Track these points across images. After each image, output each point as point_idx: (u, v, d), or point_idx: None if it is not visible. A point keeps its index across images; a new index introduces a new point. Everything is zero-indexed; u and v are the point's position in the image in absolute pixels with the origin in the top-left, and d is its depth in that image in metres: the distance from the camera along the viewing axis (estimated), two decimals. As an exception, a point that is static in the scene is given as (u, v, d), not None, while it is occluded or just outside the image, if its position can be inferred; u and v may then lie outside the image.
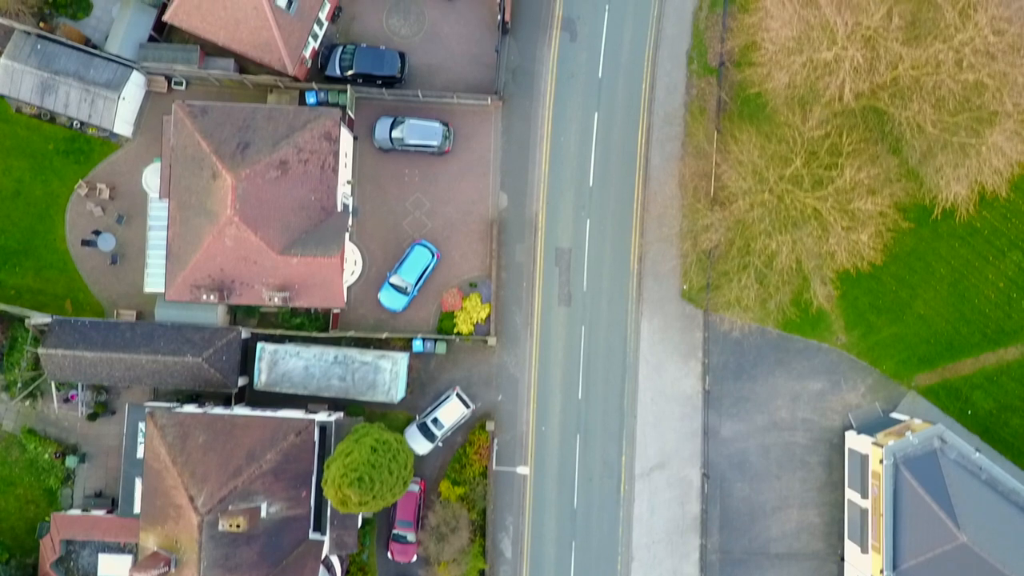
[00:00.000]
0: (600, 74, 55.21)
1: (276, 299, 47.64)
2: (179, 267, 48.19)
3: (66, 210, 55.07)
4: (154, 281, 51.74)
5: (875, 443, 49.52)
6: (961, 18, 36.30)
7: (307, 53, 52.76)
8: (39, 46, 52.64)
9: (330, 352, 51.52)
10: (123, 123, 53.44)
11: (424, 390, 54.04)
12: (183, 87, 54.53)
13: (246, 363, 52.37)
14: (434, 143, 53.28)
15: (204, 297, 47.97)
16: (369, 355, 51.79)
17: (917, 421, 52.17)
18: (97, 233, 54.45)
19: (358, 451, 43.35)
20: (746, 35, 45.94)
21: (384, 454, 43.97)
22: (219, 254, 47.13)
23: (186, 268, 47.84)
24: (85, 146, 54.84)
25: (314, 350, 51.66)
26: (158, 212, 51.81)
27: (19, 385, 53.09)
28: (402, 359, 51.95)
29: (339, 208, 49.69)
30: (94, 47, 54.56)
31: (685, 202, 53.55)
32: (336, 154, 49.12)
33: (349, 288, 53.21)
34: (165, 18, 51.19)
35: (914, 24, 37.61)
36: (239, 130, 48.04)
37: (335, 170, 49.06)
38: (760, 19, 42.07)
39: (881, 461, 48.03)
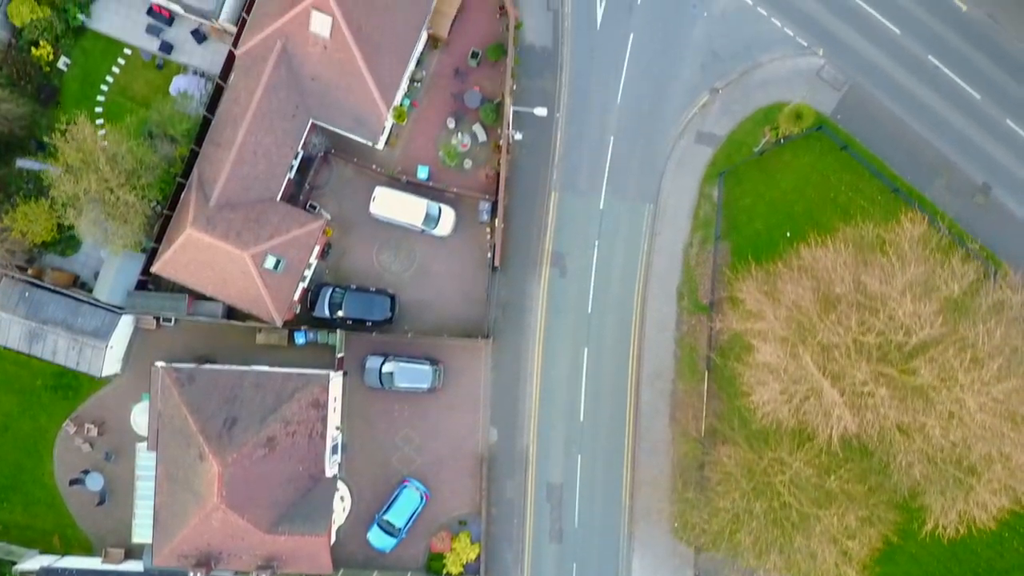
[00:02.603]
0: (590, 309, 55.01)
1: (264, 574, 47.48)
2: (166, 538, 48.03)
3: (54, 446, 54.92)
4: (142, 532, 51.49)
5: None
6: (952, 405, 36.34)
7: (296, 297, 52.54)
8: (27, 293, 52.48)
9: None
10: (111, 365, 53.27)
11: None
12: (172, 323, 54.35)
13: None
14: (424, 386, 53.08)
15: (191, 568, 47.85)
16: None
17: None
18: (86, 472, 54.26)
19: None
20: (735, 320, 45.82)
21: None
22: (206, 532, 46.98)
23: (173, 542, 47.65)
24: (73, 382, 54.65)
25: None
26: (146, 462, 51.51)
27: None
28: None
29: (327, 473, 49.47)
30: (83, 285, 54.54)
31: (676, 439, 53.39)
32: (324, 419, 48.98)
33: (338, 528, 52.98)
34: (153, 270, 51.01)
35: (902, 397, 37.61)
36: (226, 402, 47.85)
37: (323, 436, 48.95)
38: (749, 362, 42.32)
39: None
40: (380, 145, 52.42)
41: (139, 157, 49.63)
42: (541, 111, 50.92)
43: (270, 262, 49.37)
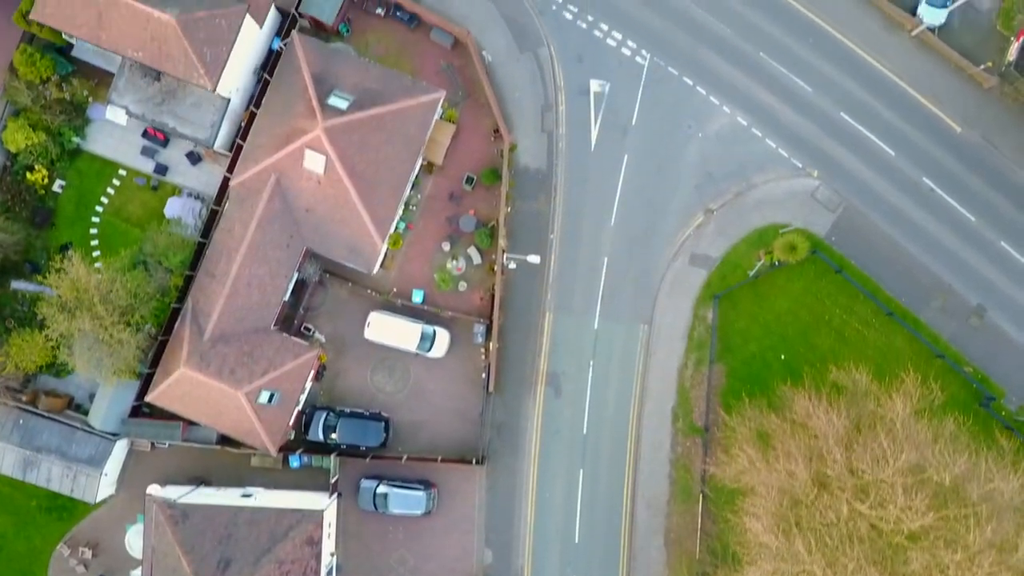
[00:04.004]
0: (585, 430, 54.95)
1: None
2: (160, 675, 47.89)
3: (49, 567, 54.83)
4: (136, 660, 51.46)
5: None
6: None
7: (290, 423, 52.49)
8: (21, 420, 52.48)
9: None
10: (106, 489, 53.24)
11: None
12: (166, 446, 54.29)
13: None
14: (417, 512, 53.04)
15: None
16: None
17: None
18: (79, 595, 54.20)
19: None
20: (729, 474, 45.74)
21: None
22: (200, 672, 46.87)
23: None
24: (68, 503, 54.53)
25: None
26: (140, 590, 51.52)
27: None
28: None
29: (322, 607, 49.45)
30: (78, 407, 54.54)
31: (672, 561, 53.34)
32: (319, 555, 48.90)
33: (333, 651, 52.89)
34: (148, 399, 50.93)
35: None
36: (220, 542, 47.81)
37: (317, 572, 48.80)
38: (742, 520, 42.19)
39: None
40: (374, 272, 52.44)
41: (133, 291, 49.58)
42: (534, 259, 50.97)
43: (264, 397, 49.38)
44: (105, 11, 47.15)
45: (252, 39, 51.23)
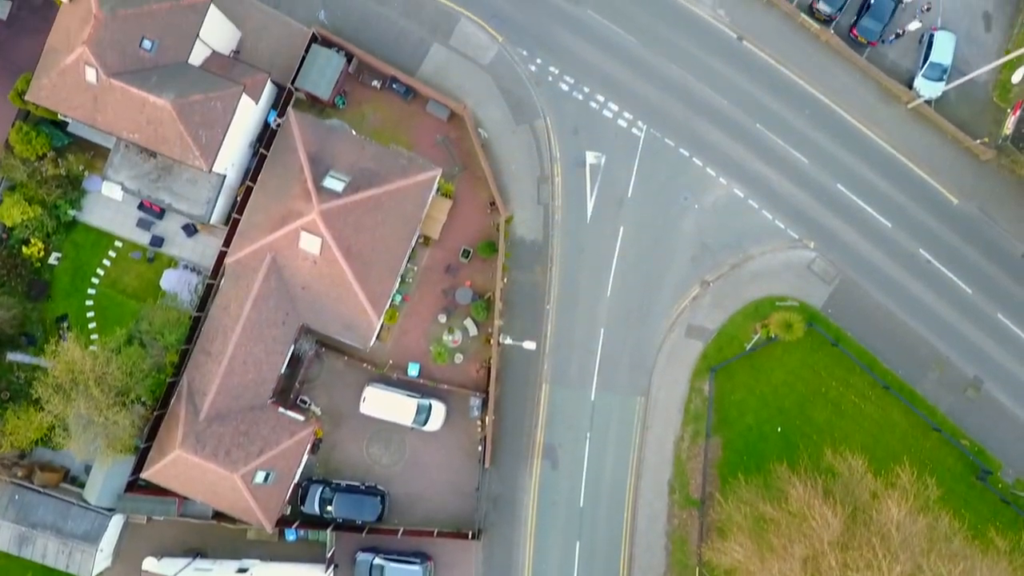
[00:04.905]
0: (582, 502, 54.84)
1: None
2: None
3: (44, 639, 54.73)
4: None
5: None
6: None
7: (286, 498, 52.38)
8: (17, 496, 52.41)
9: None
10: (101, 563, 53.16)
11: None
12: (163, 518, 54.17)
13: None
14: (415, 587, 52.96)
15: None
16: None
17: None
18: (75, 669, 54.03)
19: None
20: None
21: None
22: None
23: None
24: (64, 574, 54.43)
25: None
26: (136, 669, 51.45)
27: None
28: None
29: None
30: (74, 479, 54.48)
31: (667, 635, 53.24)
32: (314, 636, 48.80)
33: None
34: (144, 476, 50.84)
35: None
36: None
37: (312, 653, 48.74)
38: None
39: None
40: (370, 347, 52.41)
41: (129, 370, 49.51)
42: (530, 345, 50.90)
43: (260, 477, 49.30)
44: (101, 95, 47.10)
45: (248, 116, 51.20)
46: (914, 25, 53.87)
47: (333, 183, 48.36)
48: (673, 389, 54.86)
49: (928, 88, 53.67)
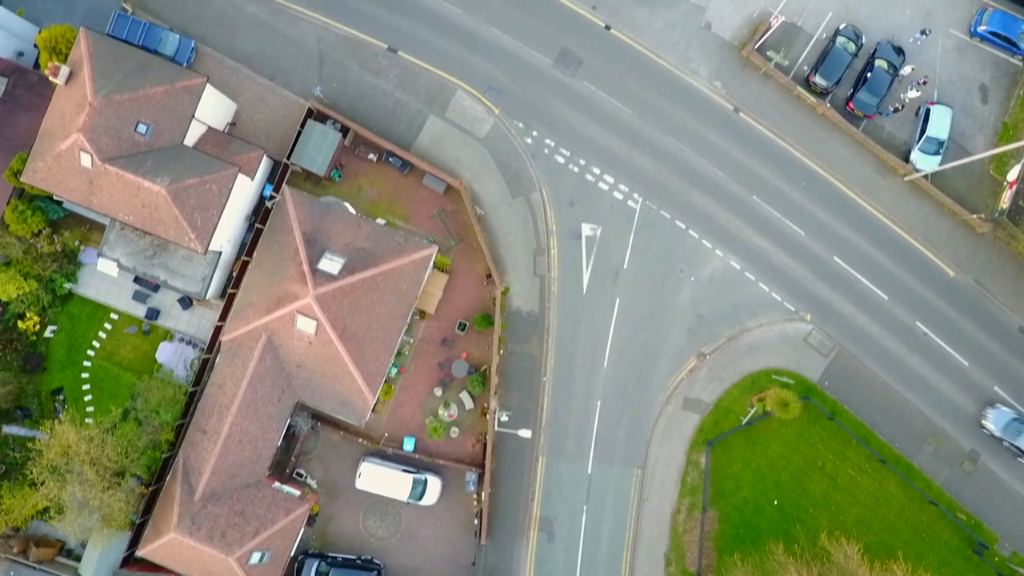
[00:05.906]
0: (578, 575, 54.76)
1: None
2: None
3: None
4: None
5: None
6: None
7: (281, 574, 52.28)
8: (11, 573, 52.27)
9: None
10: (97, 638, 53.10)
11: None
12: (158, 589, 54.11)
13: None
14: (410, 661, 52.87)
15: None
16: None
17: None
18: None
19: None
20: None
21: None
22: None
23: None
24: (59, 647, 54.40)
25: None
26: None
27: None
28: None
29: None
30: (69, 552, 54.37)
31: None
32: None
33: None
34: (139, 554, 50.68)
35: None
36: None
37: None
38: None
39: None
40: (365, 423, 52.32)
41: (124, 449, 49.42)
42: (525, 433, 50.74)
43: (255, 558, 49.18)
44: (96, 179, 47.04)
45: (244, 192, 51.15)
46: (912, 94, 53.85)
47: (329, 265, 48.27)
48: (670, 462, 54.79)
49: (924, 162, 53.65)
